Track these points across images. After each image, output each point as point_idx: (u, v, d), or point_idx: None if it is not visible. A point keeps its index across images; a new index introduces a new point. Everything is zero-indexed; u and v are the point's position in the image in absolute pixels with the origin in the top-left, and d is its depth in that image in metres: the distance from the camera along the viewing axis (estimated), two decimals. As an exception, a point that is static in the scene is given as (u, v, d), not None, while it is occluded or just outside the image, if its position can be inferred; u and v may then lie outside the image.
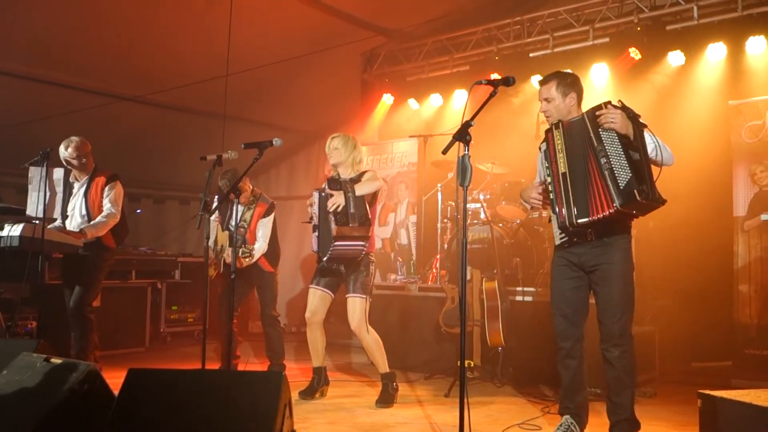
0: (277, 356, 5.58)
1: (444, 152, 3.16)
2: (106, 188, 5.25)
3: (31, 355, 3.16)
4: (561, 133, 3.57)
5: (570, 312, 3.63)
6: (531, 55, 7.20)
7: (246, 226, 5.41)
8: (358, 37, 7.74)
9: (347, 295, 4.60)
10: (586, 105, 3.69)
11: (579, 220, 3.47)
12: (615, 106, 3.45)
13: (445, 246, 6.62)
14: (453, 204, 6.70)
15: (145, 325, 7.07)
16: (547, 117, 3.73)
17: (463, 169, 3.05)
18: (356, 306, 4.56)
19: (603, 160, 3.37)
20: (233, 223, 5.38)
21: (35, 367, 3.06)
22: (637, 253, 5.90)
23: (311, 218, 4.65)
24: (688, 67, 6.44)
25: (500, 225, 6.24)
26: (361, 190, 4.49)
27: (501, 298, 5.34)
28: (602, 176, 3.37)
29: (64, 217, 5.30)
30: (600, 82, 6.86)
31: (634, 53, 6.59)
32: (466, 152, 3.09)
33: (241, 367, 5.77)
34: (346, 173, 4.71)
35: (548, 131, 3.67)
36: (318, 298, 4.75)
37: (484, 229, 6.01)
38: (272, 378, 2.89)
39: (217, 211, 5.53)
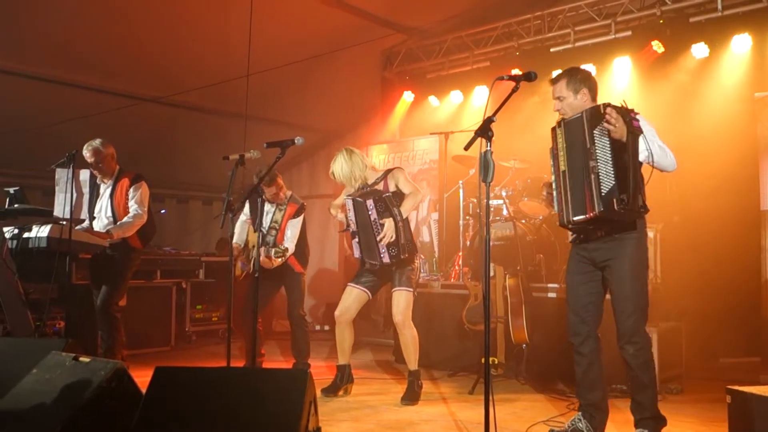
0: (303, 355, 5.60)
1: (466, 148, 3.16)
2: (131, 189, 5.30)
3: (60, 353, 3.21)
4: (562, 131, 3.60)
5: (579, 308, 3.65)
6: (552, 50, 7.15)
7: (278, 228, 5.43)
8: (378, 35, 7.75)
9: (393, 289, 4.67)
10: (608, 99, 3.66)
11: (574, 218, 3.49)
12: (616, 108, 3.41)
13: (468, 243, 6.59)
14: (475, 201, 6.67)
15: (171, 325, 7.13)
16: (561, 115, 3.72)
17: (486, 166, 3.04)
18: (401, 299, 4.61)
19: (592, 164, 3.39)
20: (264, 223, 5.43)
21: (64, 366, 3.10)
22: (663, 249, 5.88)
23: (348, 225, 4.67)
24: (712, 59, 6.35)
25: (523, 221, 6.21)
26: (407, 208, 4.56)
27: (524, 294, 5.32)
28: (589, 179, 3.41)
29: (92, 218, 5.36)
30: (622, 77, 6.80)
31: (657, 46, 6.51)
32: (489, 148, 3.08)
33: (265, 365, 5.81)
34: (370, 179, 4.75)
35: (553, 130, 3.69)
36: (353, 297, 4.76)
37: (507, 225, 5.98)
38: (298, 375, 2.91)
39: (248, 212, 5.58)
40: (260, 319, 5.42)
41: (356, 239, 4.63)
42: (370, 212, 4.48)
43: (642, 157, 3.45)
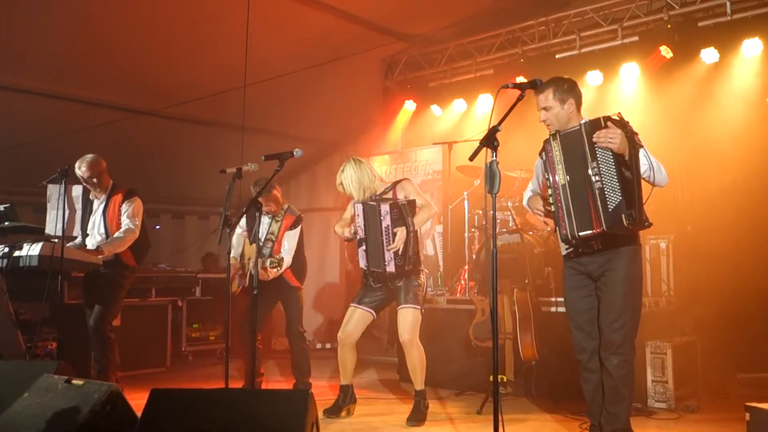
0: (303, 374, 5.57)
1: (471, 159, 3.15)
2: (124, 204, 5.29)
3: (52, 376, 3.19)
4: (558, 144, 3.61)
5: (584, 322, 3.68)
6: (557, 56, 7.15)
7: (274, 239, 5.43)
8: (378, 43, 7.76)
9: (400, 307, 4.61)
10: (617, 106, 3.68)
11: (581, 233, 3.51)
12: (614, 121, 3.45)
13: (474, 256, 6.58)
14: (480, 212, 6.67)
15: (166, 345, 7.10)
16: (547, 126, 3.75)
17: (492, 176, 3.04)
18: (408, 317, 4.56)
19: (596, 179, 3.42)
20: (261, 234, 5.42)
21: (56, 389, 3.08)
22: (676, 260, 5.86)
23: (355, 233, 4.64)
24: (722, 64, 6.35)
25: (530, 233, 6.20)
26: (420, 220, 4.59)
27: (533, 309, 5.29)
28: (593, 194, 3.43)
29: (84, 235, 5.35)
30: (630, 83, 6.80)
31: (665, 51, 6.52)
32: (494, 158, 3.07)
33: (265, 386, 5.78)
34: (379, 190, 4.74)
35: (546, 142, 3.69)
36: (357, 318, 4.72)
37: (514, 237, 5.97)
38: (298, 396, 2.89)
39: (244, 224, 5.57)
40: (259, 336, 5.40)
41: (363, 246, 4.60)
42: (383, 218, 4.45)
43: (643, 170, 3.50)
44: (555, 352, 5.40)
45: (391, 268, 4.46)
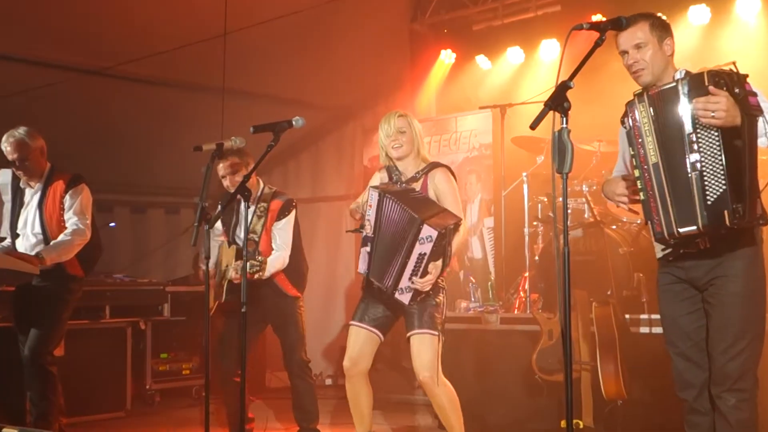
0: (310, 418, 5.57)
1: (533, 127, 3.11)
2: (67, 195, 5.31)
3: (-24, 424, 3.22)
4: (647, 107, 3.53)
5: (688, 348, 3.66)
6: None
7: (256, 239, 5.41)
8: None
9: (411, 333, 4.52)
10: (730, 54, 3.62)
11: (681, 229, 3.45)
12: (724, 75, 3.35)
13: (536, 259, 6.55)
14: (546, 199, 6.62)
15: (126, 381, 7.14)
16: (636, 74, 3.68)
17: (562, 150, 3.01)
18: (425, 346, 4.48)
19: (694, 157, 3.36)
20: (239, 233, 5.40)
21: (-18, 441, 3.12)
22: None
23: (362, 226, 4.60)
24: None
25: (614, 227, 6.16)
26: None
27: (618, 330, 5.26)
28: (689, 178, 3.38)
29: (14, 235, 5.38)
30: (749, 17, 6.72)
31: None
32: (565, 126, 3.04)
33: (257, 436, 5.81)
34: (409, 169, 4.69)
35: (630, 104, 3.62)
36: (362, 341, 4.68)
37: (592, 233, 5.94)
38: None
39: (220, 222, 5.56)
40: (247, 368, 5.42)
41: (368, 247, 4.58)
42: (421, 241, 4.36)
43: (760, 141, 3.44)
44: (649, 388, 5.36)
45: (403, 298, 4.44)
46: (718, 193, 3.31)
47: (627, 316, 5.55)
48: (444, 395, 4.54)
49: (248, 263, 4.95)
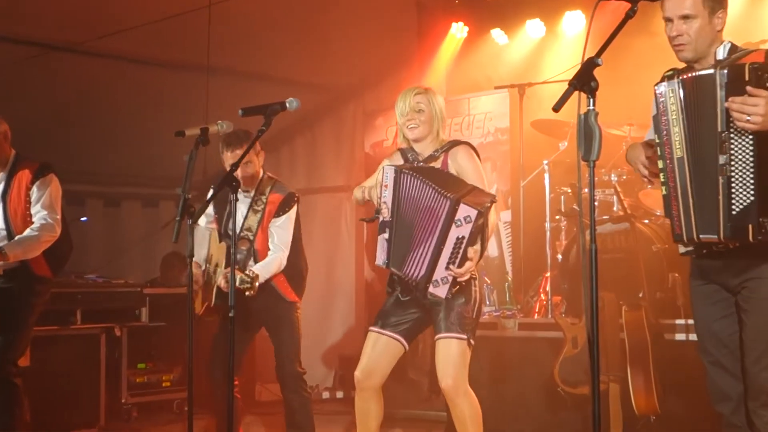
0: (303, 435, 5.60)
1: (556, 109, 3.11)
2: (34, 187, 5.32)
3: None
4: (677, 94, 3.50)
5: (723, 356, 3.66)
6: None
7: (251, 238, 5.41)
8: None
9: (438, 336, 4.52)
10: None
11: (702, 235, 3.46)
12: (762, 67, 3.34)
13: (559, 257, 6.56)
14: (569, 190, 6.62)
15: (99, 394, 7.13)
16: (677, 47, 3.65)
17: (588, 135, 3.00)
18: (451, 351, 4.46)
19: (723, 159, 3.34)
20: (236, 226, 5.37)
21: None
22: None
23: (377, 211, 4.54)
24: None
25: (646, 221, 6.16)
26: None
27: (651, 337, 5.27)
28: (715, 182, 3.36)
29: (-25, 231, 5.41)
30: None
31: None
32: (592, 108, 3.04)
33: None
34: (426, 150, 4.66)
35: (659, 85, 3.57)
36: (381, 349, 4.65)
37: (622, 228, 5.94)
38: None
39: (213, 211, 5.56)
40: (237, 382, 5.42)
41: (386, 234, 4.52)
42: (458, 223, 4.31)
43: None
44: (685, 400, 5.37)
45: (440, 292, 4.37)
46: (744, 204, 3.30)
47: (661, 321, 5.56)
48: (467, 407, 4.52)
49: (238, 278, 4.92)
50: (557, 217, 6.73)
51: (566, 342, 5.52)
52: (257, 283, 5.06)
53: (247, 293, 5.02)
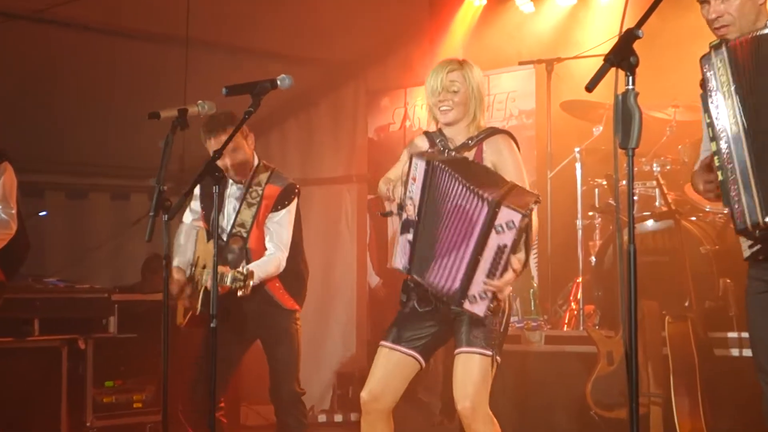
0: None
1: (590, 88, 3.10)
2: (-14, 177, 5.35)
3: None
4: (725, 63, 3.50)
5: None
6: None
7: (245, 235, 5.40)
8: None
9: (458, 350, 4.51)
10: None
11: (767, 219, 3.44)
12: None
13: (592, 260, 6.56)
14: (605, 183, 6.62)
15: (59, 415, 7.16)
16: (718, 31, 3.67)
17: (627, 118, 2.99)
18: (473, 369, 4.44)
19: None
20: (224, 226, 5.37)
21: None
22: None
23: (400, 207, 4.47)
24: None
25: (694, 219, 6.16)
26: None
27: (699, 352, 5.27)
28: None
29: None
30: None
31: None
32: (631, 86, 3.03)
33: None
34: (458, 136, 4.62)
35: (704, 59, 3.57)
36: (392, 368, 4.62)
37: (665, 226, 5.95)
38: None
39: (199, 206, 5.57)
40: (222, 402, 5.43)
41: (409, 234, 4.47)
42: (500, 230, 4.28)
43: None
44: (740, 425, 5.36)
45: (478, 309, 4.34)
46: None
47: (710, 334, 5.57)
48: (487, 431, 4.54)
49: (229, 275, 4.91)
50: (590, 213, 6.73)
51: (600, 358, 5.53)
52: (251, 282, 5.01)
53: (239, 293, 4.98)
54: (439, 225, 4.32)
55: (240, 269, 5.00)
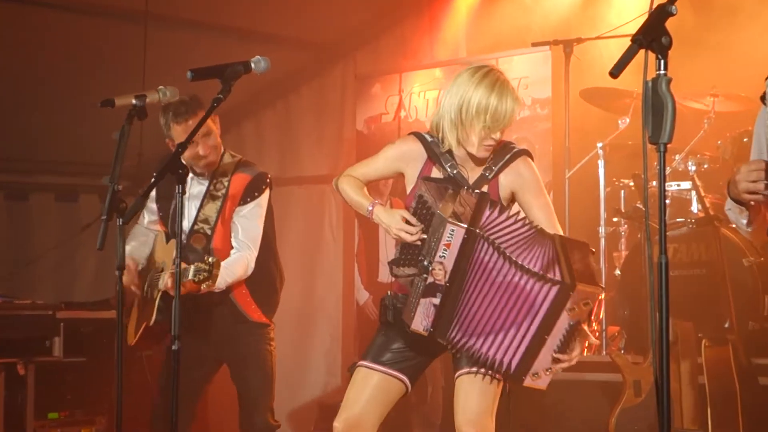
0: None
1: (615, 74, 3.11)
2: None
3: None
4: None
5: None
6: None
7: (209, 232, 5.39)
8: None
9: (460, 372, 4.53)
10: None
11: None
12: None
13: (617, 273, 6.58)
14: (632, 184, 6.63)
15: (-5, 451, 7.19)
16: None
17: (658, 109, 3.00)
18: (475, 391, 4.47)
19: None
20: (186, 221, 5.35)
21: None
22: None
23: (426, 268, 4.45)
24: None
25: (734, 226, 6.17)
26: None
27: (740, 380, 5.29)
28: None
29: None
30: None
31: None
32: (663, 72, 3.04)
33: None
34: (470, 164, 4.55)
35: None
36: (371, 391, 4.63)
37: (702, 235, 5.96)
38: None
39: (155, 206, 5.57)
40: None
41: (435, 299, 4.28)
42: (573, 310, 4.24)
43: None
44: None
45: (541, 383, 4.29)
46: None
47: (754, 360, 5.59)
48: None
49: (191, 268, 4.88)
50: (615, 219, 6.74)
51: (626, 387, 5.54)
52: (217, 272, 4.93)
53: (203, 286, 4.94)
54: (481, 298, 4.26)
55: (205, 260, 4.94)
